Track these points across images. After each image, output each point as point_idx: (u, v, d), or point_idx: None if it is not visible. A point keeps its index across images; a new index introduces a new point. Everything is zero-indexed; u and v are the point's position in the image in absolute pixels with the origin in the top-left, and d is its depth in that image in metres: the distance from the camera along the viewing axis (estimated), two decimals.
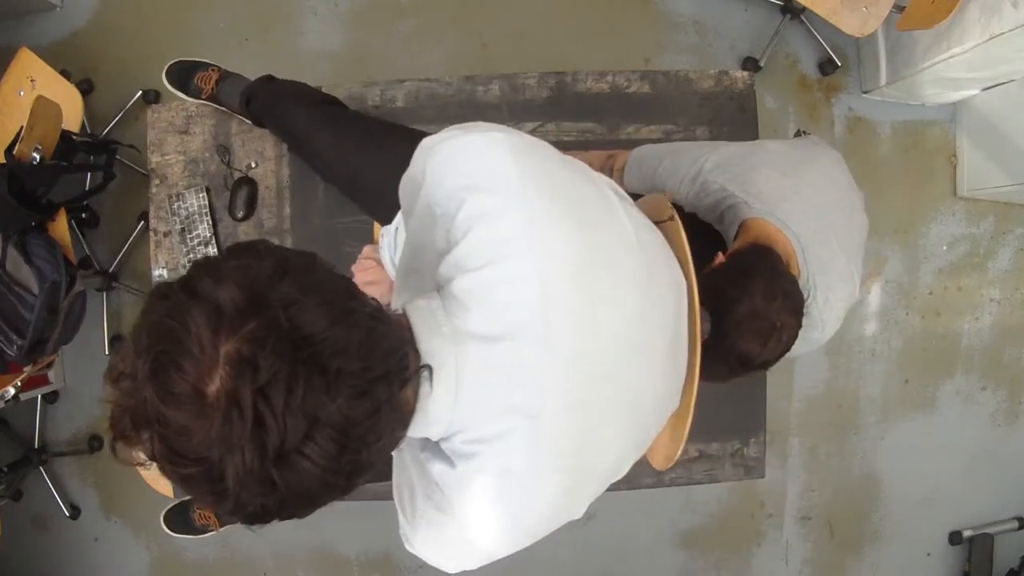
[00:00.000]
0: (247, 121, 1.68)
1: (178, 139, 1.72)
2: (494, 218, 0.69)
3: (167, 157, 1.73)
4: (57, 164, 1.92)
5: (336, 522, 2.46)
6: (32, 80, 2.03)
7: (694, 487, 2.29)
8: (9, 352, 1.87)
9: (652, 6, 2.47)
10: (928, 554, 2.55)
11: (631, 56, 2.45)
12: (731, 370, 1.13)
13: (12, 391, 2.02)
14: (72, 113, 1.98)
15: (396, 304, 0.71)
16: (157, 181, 1.73)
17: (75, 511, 2.50)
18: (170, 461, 0.54)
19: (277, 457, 0.53)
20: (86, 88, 2.41)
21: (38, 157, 1.83)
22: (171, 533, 2.08)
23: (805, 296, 1.18)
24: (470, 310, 0.68)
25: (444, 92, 1.70)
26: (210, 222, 1.69)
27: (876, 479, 2.52)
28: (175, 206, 1.70)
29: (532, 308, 0.67)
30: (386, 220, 1.22)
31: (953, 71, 2.06)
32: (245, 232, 1.71)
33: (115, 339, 2.46)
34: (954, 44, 1.95)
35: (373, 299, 0.63)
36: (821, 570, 2.56)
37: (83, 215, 2.38)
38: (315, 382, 0.53)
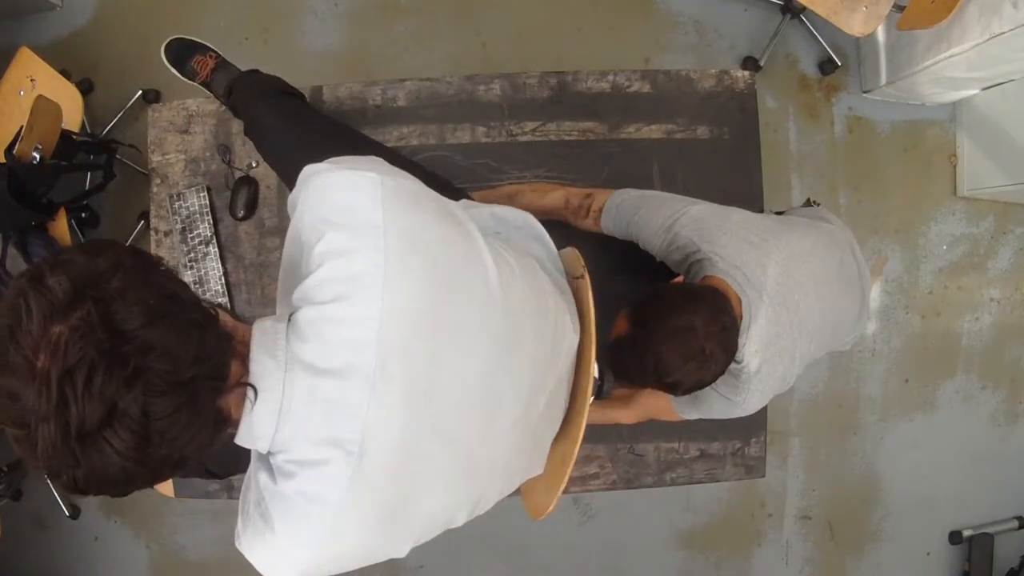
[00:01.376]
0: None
1: (179, 138, 1.72)
2: (347, 257, 0.71)
3: (168, 156, 1.73)
4: (57, 164, 1.93)
5: None
6: (32, 80, 2.03)
7: (694, 486, 2.29)
8: None
9: (652, 6, 2.47)
10: (928, 554, 2.55)
11: (631, 56, 2.46)
12: (642, 375, 1.14)
13: None
14: (72, 113, 1.98)
15: (278, 317, 0.75)
16: (158, 180, 1.73)
17: (75, 511, 2.50)
18: (5, 423, 0.60)
19: (79, 436, 0.58)
20: (86, 88, 2.42)
21: (38, 157, 1.83)
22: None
23: (739, 359, 1.19)
24: (308, 342, 0.70)
25: (445, 91, 1.70)
26: (211, 221, 1.69)
27: (876, 479, 2.52)
28: (176, 205, 1.70)
29: (368, 352, 0.69)
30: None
31: (953, 71, 2.06)
32: (246, 231, 1.71)
33: None
34: (954, 44, 1.95)
35: (211, 307, 0.67)
36: (821, 570, 2.56)
37: (83, 215, 2.37)
38: (115, 374, 0.58)
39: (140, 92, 2.42)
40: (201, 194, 1.69)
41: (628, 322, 1.18)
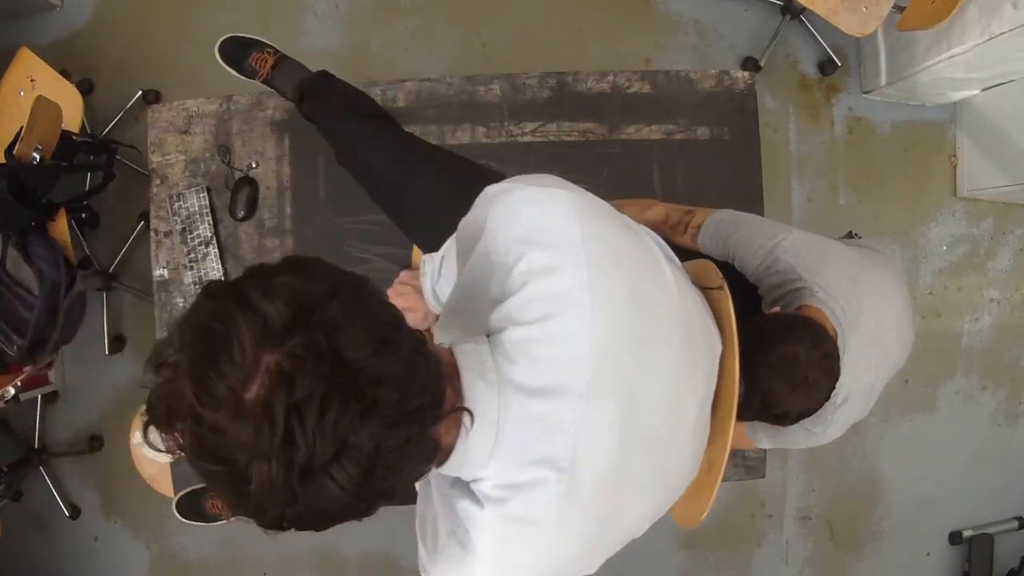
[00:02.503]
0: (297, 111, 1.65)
1: (179, 139, 1.72)
2: (551, 275, 0.69)
3: (168, 157, 1.73)
4: (57, 164, 1.92)
5: None
6: (32, 80, 2.03)
7: None
8: (9, 352, 1.87)
9: (652, 6, 2.47)
10: (928, 554, 2.55)
11: (631, 56, 2.45)
12: (749, 408, 1.13)
13: (12, 391, 2.02)
14: (72, 113, 1.98)
15: (439, 339, 0.72)
16: (158, 181, 1.73)
17: (75, 511, 2.50)
18: (199, 456, 0.55)
19: (302, 473, 0.54)
20: (86, 88, 2.41)
21: (38, 157, 1.83)
22: (183, 519, 2.07)
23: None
24: (517, 363, 0.69)
25: (445, 92, 1.70)
26: (211, 222, 1.69)
27: (876, 479, 2.52)
28: (176, 206, 1.70)
29: (579, 369, 0.68)
30: (428, 248, 1.22)
31: (953, 71, 2.06)
32: (246, 232, 1.71)
33: (115, 339, 2.46)
34: (954, 44, 1.95)
35: (418, 332, 0.63)
36: (821, 570, 2.56)
37: (83, 215, 2.37)
38: (349, 407, 0.54)
39: (140, 92, 2.42)
40: (201, 195, 1.69)
41: None
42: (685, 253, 1.38)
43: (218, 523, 2.00)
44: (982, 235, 2.50)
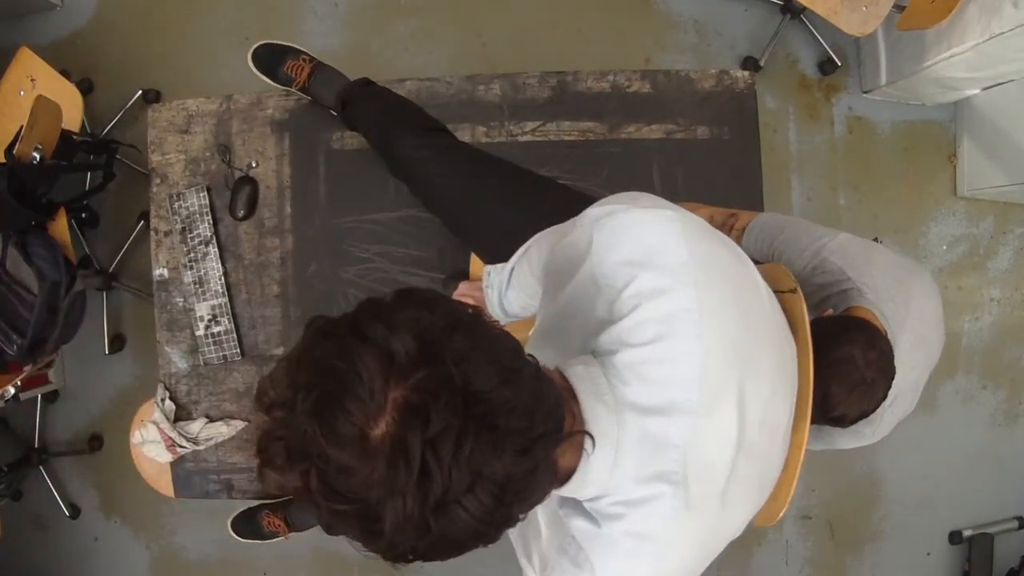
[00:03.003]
0: (333, 114, 1.66)
1: (179, 138, 1.72)
2: (661, 297, 0.70)
3: (168, 156, 1.73)
4: (57, 164, 1.93)
5: None
6: (32, 80, 2.03)
7: None
8: (9, 352, 1.87)
9: (652, 6, 2.47)
10: (928, 554, 2.55)
11: (631, 56, 2.45)
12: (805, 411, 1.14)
13: (12, 391, 2.02)
14: (72, 113, 1.98)
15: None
16: (158, 180, 1.73)
17: (75, 511, 2.50)
18: (326, 497, 0.55)
19: (436, 506, 0.54)
20: (86, 88, 2.42)
21: (38, 157, 1.83)
22: (238, 538, 2.08)
23: None
24: (631, 384, 0.70)
25: (445, 92, 1.70)
26: (211, 221, 1.69)
27: (876, 479, 2.52)
28: (176, 205, 1.70)
29: (689, 387, 0.69)
30: (492, 259, 1.24)
31: (953, 71, 2.06)
32: (246, 231, 1.71)
33: (115, 339, 2.46)
34: (954, 44, 1.95)
35: (531, 357, 0.64)
36: (821, 570, 2.56)
37: (83, 215, 2.38)
38: (483, 439, 0.54)
39: (140, 92, 2.42)
40: (201, 194, 1.69)
41: None
42: None
43: (275, 540, 2.02)
44: (982, 235, 2.50)
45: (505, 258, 1.16)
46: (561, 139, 1.69)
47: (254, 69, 1.67)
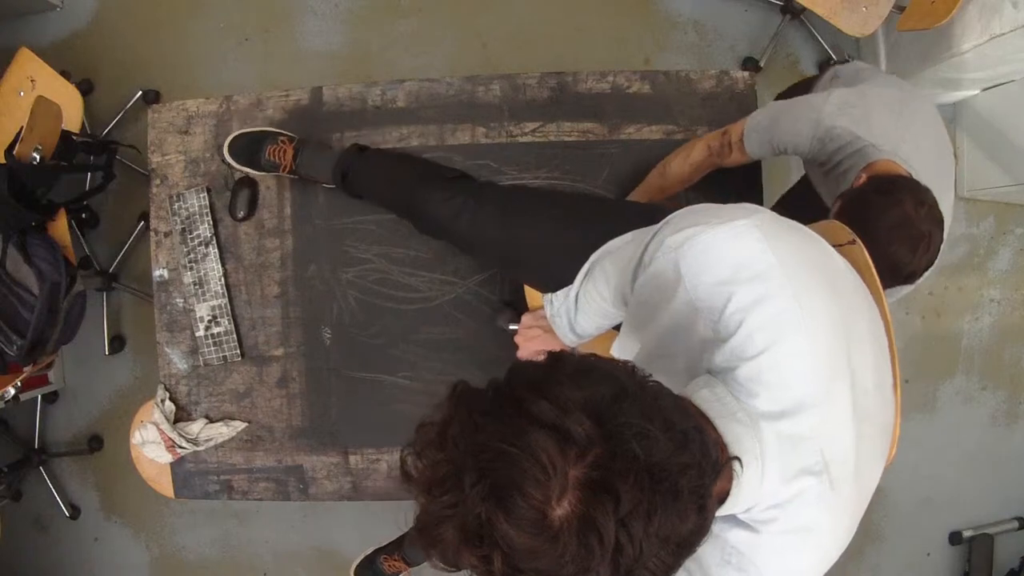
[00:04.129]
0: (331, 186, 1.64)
1: (179, 139, 1.72)
2: (762, 305, 0.73)
3: (168, 157, 1.73)
4: (57, 164, 1.93)
5: (336, 522, 2.46)
6: (32, 80, 2.03)
7: None
8: (9, 352, 1.87)
9: (652, 6, 2.47)
10: (928, 554, 2.55)
11: (631, 56, 2.45)
12: (882, 280, 1.16)
13: (12, 391, 2.02)
14: (72, 113, 1.98)
15: None
16: (158, 181, 1.73)
17: (75, 511, 2.50)
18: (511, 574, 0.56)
19: (627, 573, 0.56)
20: (86, 88, 2.42)
21: (38, 157, 1.83)
22: None
23: None
24: (758, 395, 0.72)
25: (445, 92, 1.70)
26: (211, 222, 1.69)
27: None
28: (176, 206, 1.70)
29: (808, 381, 0.72)
30: (548, 287, 1.26)
31: (953, 71, 2.06)
32: (246, 232, 1.71)
33: (115, 339, 2.46)
34: (954, 44, 1.95)
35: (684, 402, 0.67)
36: None
37: (83, 215, 2.38)
38: (670, 509, 0.56)
39: (140, 92, 2.42)
40: (201, 195, 1.69)
41: None
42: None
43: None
44: (982, 235, 2.50)
45: (561, 283, 1.19)
46: (561, 139, 1.69)
47: (233, 163, 1.66)
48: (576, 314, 1.18)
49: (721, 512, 0.72)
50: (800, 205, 1.49)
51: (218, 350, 1.69)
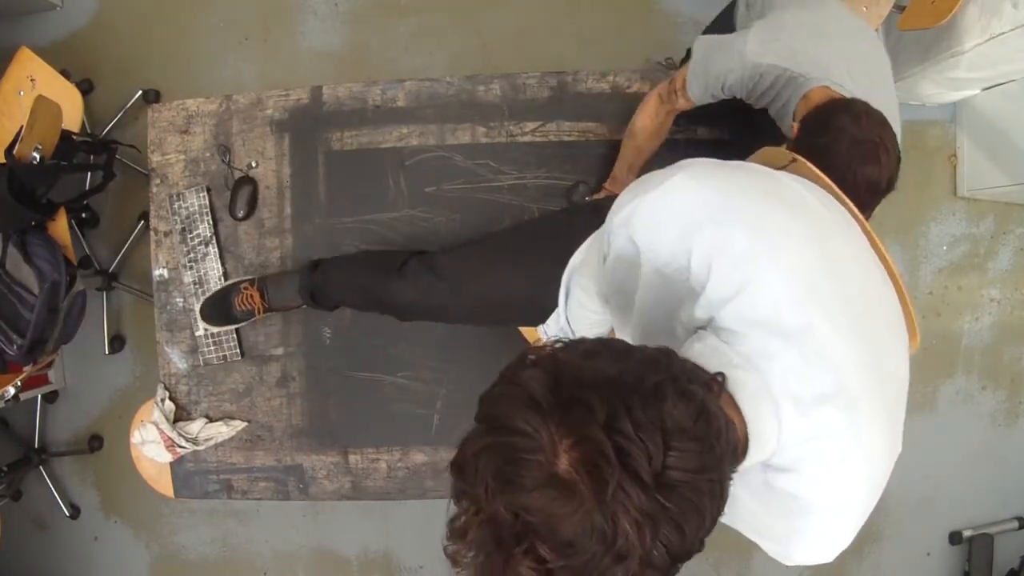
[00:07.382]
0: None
1: (178, 138, 1.72)
2: (722, 247, 0.73)
3: (167, 156, 1.73)
4: (57, 164, 1.92)
5: (336, 522, 2.46)
6: (32, 80, 2.03)
7: None
8: (9, 352, 1.87)
9: (652, 6, 2.47)
10: (928, 554, 2.55)
11: (631, 56, 2.45)
12: (865, 204, 1.16)
13: (12, 391, 2.02)
14: (72, 113, 1.98)
15: None
16: (157, 181, 1.73)
17: (75, 510, 2.50)
18: (564, 555, 0.55)
19: (656, 482, 0.55)
20: (86, 88, 2.42)
21: (38, 157, 1.83)
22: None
23: None
24: (748, 336, 0.72)
25: (445, 92, 1.70)
26: (211, 221, 1.69)
27: None
28: (176, 205, 1.70)
29: (789, 306, 0.71)
30: (539, 321, 1.32)
31: (953, 71, 2.06)
32: (246, 231, 1.71)
33: (115, 339, 2.46)
34: (954, 44, 1.95)
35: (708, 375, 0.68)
36: (821, 570, 2.56)
37: (83, 215, 2.38)
38: (647, 399, 0.57)
39: (140, 92, 2.42)
40: (201, 194, 1.69)
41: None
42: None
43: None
44: (982, 235, 2.50)
45: (546, 312, 1.23)
46: (561, 139, 1.69)
47: (212, 328, 1.66)
48: (573, 334, 1.20)
49: (755, 459, 0.71)
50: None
51: (218, 349, 1.69)
